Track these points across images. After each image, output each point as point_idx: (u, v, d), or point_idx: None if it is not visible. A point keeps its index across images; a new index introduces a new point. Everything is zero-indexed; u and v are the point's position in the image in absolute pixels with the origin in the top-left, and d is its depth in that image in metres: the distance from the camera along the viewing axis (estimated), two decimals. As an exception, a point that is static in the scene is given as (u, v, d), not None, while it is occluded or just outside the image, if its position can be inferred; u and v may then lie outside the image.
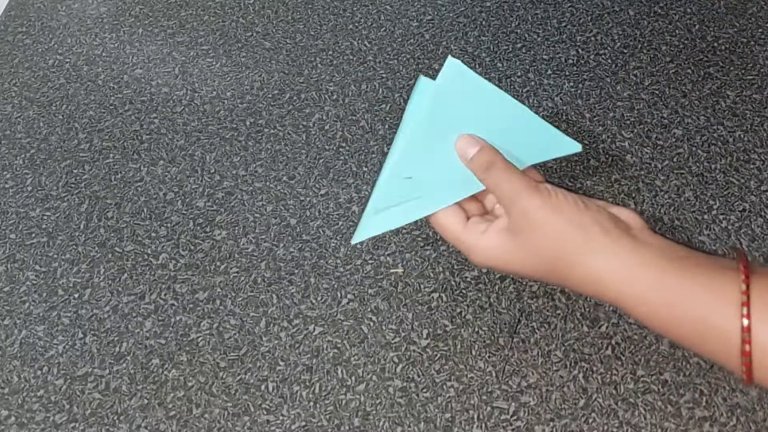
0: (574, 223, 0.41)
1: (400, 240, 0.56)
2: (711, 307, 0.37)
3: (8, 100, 0.68)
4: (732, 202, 0.57)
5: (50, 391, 0.50)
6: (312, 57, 0.69)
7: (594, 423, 0.47)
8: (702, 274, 0.38)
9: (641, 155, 0.60)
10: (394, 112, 0.64)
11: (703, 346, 0.38)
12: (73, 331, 0.53)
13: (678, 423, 0.47)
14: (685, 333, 0.39)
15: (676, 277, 0.39)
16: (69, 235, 0.58)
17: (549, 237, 0.41)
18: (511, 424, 0.47)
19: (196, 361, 0.51)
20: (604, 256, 0.40)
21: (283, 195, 0.59)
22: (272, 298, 0.54)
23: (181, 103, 0.66)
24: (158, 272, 0.56)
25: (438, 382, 0.49)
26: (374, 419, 0.48)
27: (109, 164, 0.63)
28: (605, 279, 0.40)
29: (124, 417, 0.49)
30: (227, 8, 0.74)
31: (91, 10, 0.75)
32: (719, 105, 0.63)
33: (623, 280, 0.39)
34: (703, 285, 0.38)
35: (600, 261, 0.40)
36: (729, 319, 0.36)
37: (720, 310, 0.37)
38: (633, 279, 0.39)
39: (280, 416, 0.48)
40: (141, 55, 0.71)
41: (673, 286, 0.38)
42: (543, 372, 0.49)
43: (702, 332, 0.38)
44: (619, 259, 0.40)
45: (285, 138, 0.63)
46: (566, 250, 0.41)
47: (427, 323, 0.52)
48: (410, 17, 0.72)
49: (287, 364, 0.51)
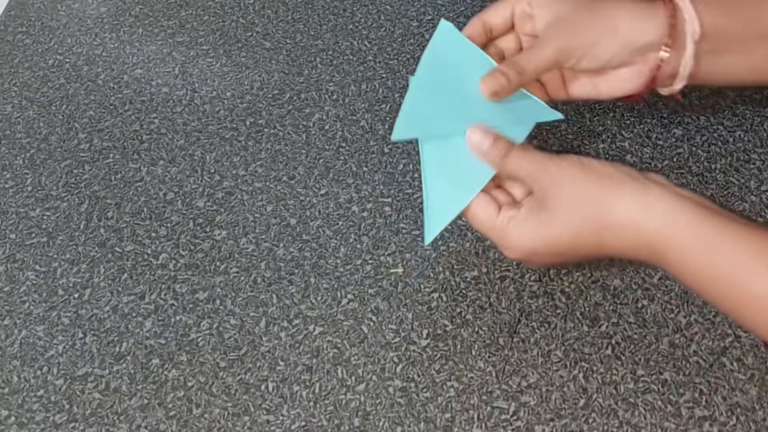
0: (603, 174, 0.41)
1: (400, 240, 0.56)
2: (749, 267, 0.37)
3: (8, 100, 0.68)
4: (732, 202, 0.57)
5: (50, 391, 0.50)
6: (312, 57, 0.69)
7: (594, 423, 0.47)
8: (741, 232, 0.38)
9: (641, 155, 0.60)
10: (394, 112, 0.64)
11: (737, 306, 0.38)
12: (73, 331, 0.53)
13: (678, 423, 0.47)
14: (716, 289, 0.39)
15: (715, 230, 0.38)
16: (69, 235, 0.58)
17: (579, 192, 0.41)
18: (511, 424, 0.47)
19: (196, 361, 0.51)
20: (634, 197, 0.40)
21: (283, 195, 0.59)
22: (272, 298, 0.54)
23: (181, 103, 0.66)
24: (158, 272, 0.56)
25: (438, 382, 0.49)
26: (374, 419, 0.48)
27: (109, 164, 0.63)
28: (635, 219, 0.40)
29: (124, 417, 0.49)
30: (227, 8, 0.74)
31: (91, 10, 0.76)
32: (719, 105, 0.63)
33: (659, 221, 0.39)
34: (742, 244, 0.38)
35: (630, 201, 0.40)
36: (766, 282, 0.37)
37: (758, 272, 0.37)
38: (670, 221, 0.39)
39: (280, 416, 0.48)
40: (141, 55, 0.71)
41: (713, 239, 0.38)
42: (543, 372, 0.49)
43: (736, 292, 0.38)
44: (651, 200, 0.40)
45: (285, 138, 0.63)
46: (594, 200, 0.41)
47: (427, 323, 0.52)
48: (410, 17, 0.72)
49: (287, 364, 0.51)
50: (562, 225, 0.42)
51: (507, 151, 0.45)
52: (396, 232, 0.57)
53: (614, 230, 0.41)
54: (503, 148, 0.45)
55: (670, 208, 0.40)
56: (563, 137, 0.61)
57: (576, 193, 0.42)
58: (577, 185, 0.42)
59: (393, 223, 0.57)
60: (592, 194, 0.41)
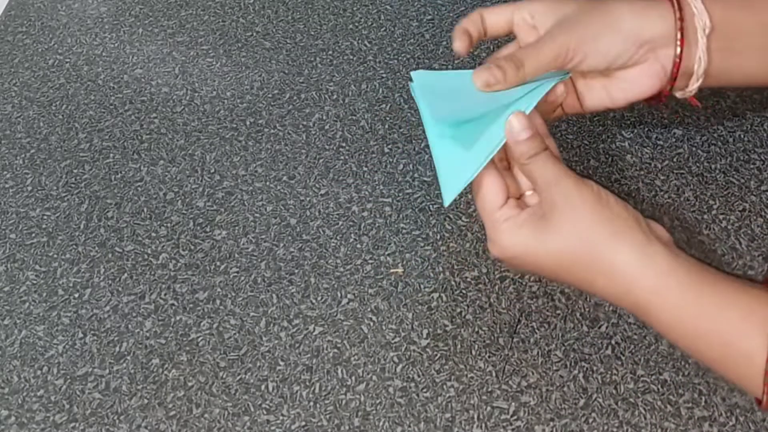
0: (614, 212, 0.40)
1: (400, 240, 0.56)
2: (737, 326, 0.37)
3: (8, 100, 0.68)
4: (732, 201, 0.57)
5: (50, 391, 0.50)
6: (312, 57, 0.69)
7: (594, 423, 0.47)
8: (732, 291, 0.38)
9: (641, 155, 0.60)
10: (394, 112, 0.64)
11: (724, 364, 0.38)
12: (73, 331, 0.53)
13: (678, 423, 0.47)
14: (705, 347, 0.38)
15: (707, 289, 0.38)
16: (69, 235, 0.58)
17: (584, 219, 0.40)
18: (511, 424, 0.47)
19: (196, 361, 0.51)
20: (636, 250, 0.39)
21: (283, 195, 0.59)
22: (272, 298, 0.54)
23: (181, 103, 0.66)
24: (158, 272, 0.56)
25: (438, 382, 0.49)
26: (374, 419, 0.48)
27: (109, 164, 0.63)
28: (633, 274, 0.39)
29: (124, 417, 0.49)
30: (227, 8, 0.74)
31: (91, 10, 0.76)
32: (719, 105, 0.63)
33: (653, 281, 0.38)
34: (732, 302, 0.37)
35: (632, 254, 0.39)
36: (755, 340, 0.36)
37: (746, 331, 0.36)
38: (664, 282, 0.38)
39: (280, 416, 0.48)
40: (141, 55, 0.71)
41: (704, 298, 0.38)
42: (543, 372, 0.49)
43: (725, 350, 0.37)
44: (651, 258, 0.39)
45: (285, 138, 0.63)
46: (599, 235, 0.39)
47: (427, 323, 0.52)
48: (410, 17, 0.72)
49: (287, 364, 0.51)
50: (558, 244, 0.41)
51: (540, 149, 0.43)
52: (396, 232, 0.57)
53: (607, 275, 0.40)
54: (536, 147, 0.43)
55: (665, 270, 0.39)
56: (563, 137, 0.61)
57: (584, 220, 0.40)
58: (588, 214, 0.40)
59: (393, 223, 0.57)
60: (599, 229, 0.40)
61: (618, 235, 0.40)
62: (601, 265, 0.40)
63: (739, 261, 0.53)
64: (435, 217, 0.57)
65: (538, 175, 0.43)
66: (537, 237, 0.41)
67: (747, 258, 0.53)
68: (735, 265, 0.53)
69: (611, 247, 0.39)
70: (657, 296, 0.39)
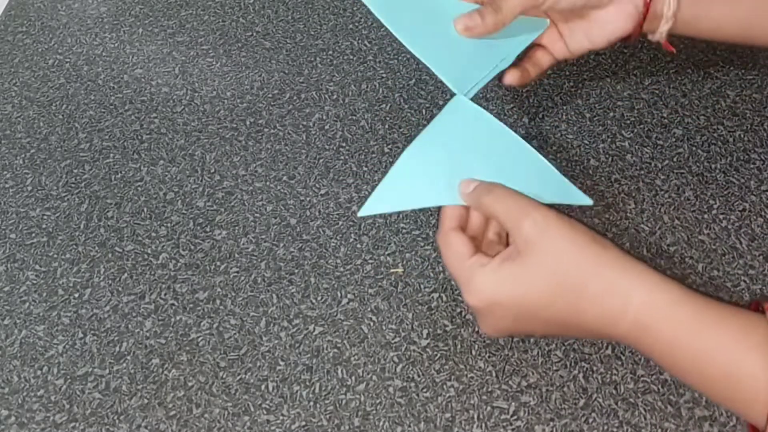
0: (591, 236, 0.38)
1: (400, 240, 0.56)
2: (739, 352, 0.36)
3: (8, 100, 0.68)
4: (732, 201, 0.57)
5: (50, 390, 0.50)
6: (312, 57, 0.69)
7: (594, 423, 0.47)
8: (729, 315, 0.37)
9: (641, 155, 0.60)
10: (394, 112, 0.64)
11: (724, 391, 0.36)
12: (73, 331, 0.53)
13: (678, 423, 0.47)
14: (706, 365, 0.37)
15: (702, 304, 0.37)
16: (69, 234, 0.58)
17: (565, 249, 0.38)
18: (511, 423, 0.47)
19: (196, 361, 0.51)
20: (624, 269, 0.37)
21: (283, 195, 0.59)
22: (272, 297, 0.54)
23: (181, 103, 0.66)
24: (158, 272, 0.56)
25: (438, 382, 0.49)
26: (374, 419, 0.48)
27: (109, 164, 0.63)
28: (626, 293, 0.37)
29: (124, 417, 0.49)
30: (227, 8, 0.74)
31: (91, 10, 0.76)
32: (719, 105, 0.63)
33: (647, 297, 0.37)
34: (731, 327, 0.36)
35: (621, 273, 0.37)
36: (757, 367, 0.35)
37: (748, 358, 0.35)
38: (658, 297, 0.37)
39: (280, 416, 0.48)
40: (141, 55, 0.71)
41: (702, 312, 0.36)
42: (543, 372, 0.49)
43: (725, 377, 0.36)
44: (640, 275, 0.37)
45: (285, 138, 0.63)
46: (585, 261, 0.38)
47: (427, 323, 0.52)
48: (410, 17, 0.72)
49: (287, 364, 0.51)
50: (542, 280, 0.38)
51: (492, 187, 0.42)
52: (396, 232, 0.57)
53: (599, 300, 0.38)
54: (488, 186, 0.43)
55: (655, 283, 0.37)
56: (563, 137, 0.61)
57: (565, 250, 0.38)
58: (567, 244, 0.38)
59: (393, 222, 0.57)
60: (584, 256, 0.38)
61: (602, 257, 0.38)
62: (592, 291, 0.38)
63: (740, 261, 0.53)
64: (435, 216, 0.57)
65: (502, 210, 0.41)
66: (518, 277, 0.39)
67: (747, 258, 0.53)
68: (735, 264, 0.53)
69: (599, 271, 0.38)
70: (655, 311, 0.37)
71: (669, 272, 0.53)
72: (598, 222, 0.56)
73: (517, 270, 0.39)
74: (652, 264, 0.52)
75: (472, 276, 0.40)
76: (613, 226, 0.55)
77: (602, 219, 0.56)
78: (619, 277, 0.38)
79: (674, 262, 0.53)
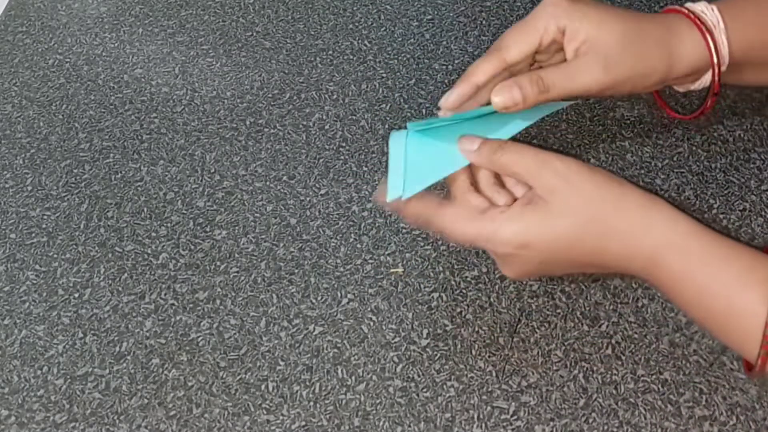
0: (612, 178, 0.40)
1: (400, 240, 0.56)
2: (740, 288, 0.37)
3: (8, 100, 0.68)
4: (732, 201, 0.57)
5: (50, 390, 0.50)
6: (312, 57, 0.69)
7: (594, 423, 0.47)
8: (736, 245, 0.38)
9: (641, 154, 0.60)
10: (394, 111, 0.64)
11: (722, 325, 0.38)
12: (73, 331, 0.53)
13: (678, 422, 0.47)
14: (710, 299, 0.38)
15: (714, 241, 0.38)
16: (69, 234, 0.58)
17: (588, 193, 0.40)
18: (511, 423, 0.47)
19: (196, 361, 0.51)
20: (643, 207, 0.39)
21: (283, 195, 0.59)
22: (272, 297, 0.54)
23: (181, 103, 0.66)
24: (158, 272, 0.56)
25: (438, 382, 0.49)
26: (374, 419, 0.48)
27: (109, 164, 0.63)
28: (644, 229, 0.39)
29: (124, 417, 0.49)
30: (227, 8, 0.74)
31: (91, 10, 0.76)
32: (719, 104, 0.63)
33: (663, 232, 0.39)
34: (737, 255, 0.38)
35: (639, 211, 0.39)
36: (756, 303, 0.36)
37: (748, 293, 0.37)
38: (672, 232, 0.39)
39: (280, 416, 0.48)
40: (141, 55, 0.71)
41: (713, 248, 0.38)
42: (543, 372, 0.49)
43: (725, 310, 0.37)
44: (658, 212, 0.39)
45: (285, 138, 0.63)
46: (607, 202, 0.40)
47: (427, 323, 0.52)
48: (410, 17, 0.72)
49: (287, 364, 0.51)
50: (567, 222, 0.40)
51: (502, 144, 0.43)
52: (396, 232, 0.57)
53: (620, 237, 0.40)
54: (497, 143, 0.43)
55: (672, 218, 0.39)
56: (563, 137, 0.61)
57: (588, 193, 0.40)
58: (589, 187, 0.40)
59: (393, 222, 0.57)
60: (604, 197, 0.40)
61: (623, 197, 0.40)
62: (614, 229, 0.40)
63: (740, 260, 0.53)
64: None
65: (520, 164, 0.42)
66: (544, 221, 0.40)
67: (747, 257, 0.53)
68: (735, 264, 0.53)
69: (620, 209, 0.40)
70: (668, 247, 0.39)
71: (669, 272, 0.53)
72: (598, 222, 0.56)
73: (542, 215, 0.40)
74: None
75: (498, 224, 0.41)
76: (613, 226, 0.55)
77: (602, 219, 0.56)
78: (639, 215, 0.40)
79: (674, 262, 0.53)
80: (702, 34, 0.44)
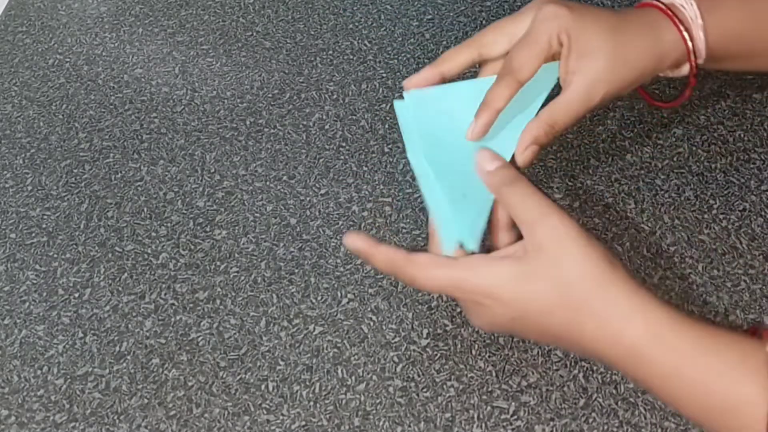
0: (605, 255, 0.38)
1: (400, 240, 0.56)
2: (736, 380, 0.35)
3: (8, 99, 0.68)
4: (732, 201, 0.57)
5: (50, 390, 0.50)
6: (312, 57, 0.69)
7: (594, 423, 0.47)
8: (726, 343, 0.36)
9: (641, 155, 0.60)
10: (394, 111, 0.64)
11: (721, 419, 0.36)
12: (73, 331, 0.53)
13: (678, 422, 0.47)
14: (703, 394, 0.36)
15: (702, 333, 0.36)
16: (69, 234, 0.58)
17: (576, 259, 0.37)
18: (511, 423, 0.47)
19: (196, 361, 0.51)
20: (628, 292, 0.37)
21: (283, 194, 0.59)
22: (272, 297, 0.54)
23: (181, 103, 0.66)
24: (158, 272, 0.56)
25: (438, 382, 0.49)
26: (374, 419, 0.48)
27: (109, 164, 0.63)
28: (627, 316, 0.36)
29: (124, 416, 0.49)
30: (227, 8, 0.74)
31: (91, 10, 0.76)
32: (719, 105, 0.63)
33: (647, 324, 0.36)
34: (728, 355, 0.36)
35: (625, 296, 0.37)
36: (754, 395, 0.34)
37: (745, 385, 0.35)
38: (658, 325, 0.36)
39: (280, 416, 0.48)
40: (141, 55, 0.71)
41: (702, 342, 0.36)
42: (543, 371, 0.49)
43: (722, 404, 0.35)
44: (643, 301, 0.37)
45: (285, 138, 0.63)
46: (592, 278, 0.37)
47: (427, 323, 0.52)
48: (410, 17, 0.72)
49: (287, 364, 0.51)
50: (545, 285, 0.37)
51: (517, 178, 0.41)
52: (396, 232, 0.57)
53: (598, 319, 0.37)
54: (513, 174, 0.41)
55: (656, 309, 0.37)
56: (563, 137, 0.61)
57: (576, 260, 0.37)
58: (579, 253, 0.37)
59: (393, 222, 0.57)
60: (591, 271, 0.37)
61: (609, 277, 0.37)
62: (591, 308, 0.37)
63: (740, 260, 0.53)
64: (435, 216, 0.57)
65: (519, 209, 0.40)
66: (522, 278, 0.38)
67: (747, 257, 0.53)
68: (735, 264, 0.53)
69: (603, 289, 0.37)
70: (653, 338, 0.36)
71: (669, 272, 0.53)
72: (599, 222, 0.56)
73: (519, 271, 0.38)
74: (652, 264, 0.52)
75: (471, 271, 0.39)
76: (613, 226, 0.55)
77: (602, 219, 0.56)
78: (622, 298, 0.37)
79: (674, 262, 0.53)
80: (679, 31, 0.44)
